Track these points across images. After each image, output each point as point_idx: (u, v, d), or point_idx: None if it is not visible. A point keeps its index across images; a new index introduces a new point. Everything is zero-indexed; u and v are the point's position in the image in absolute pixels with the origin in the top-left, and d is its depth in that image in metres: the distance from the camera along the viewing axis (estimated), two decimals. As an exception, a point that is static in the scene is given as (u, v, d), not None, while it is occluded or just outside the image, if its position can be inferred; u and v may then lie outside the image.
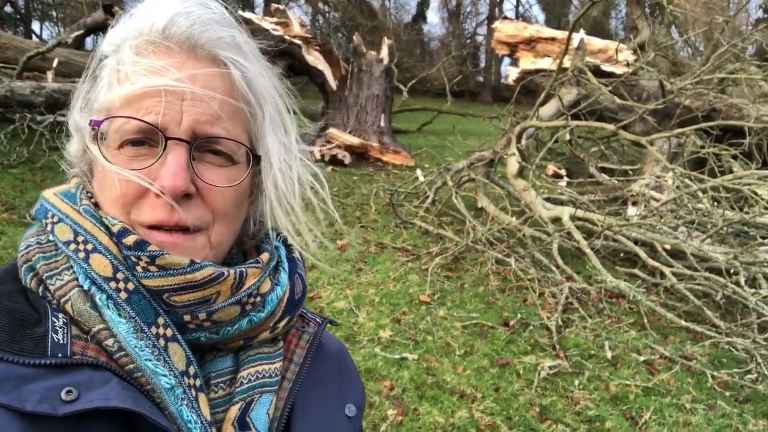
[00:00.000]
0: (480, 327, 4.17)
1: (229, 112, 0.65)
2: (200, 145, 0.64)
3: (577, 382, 3.51)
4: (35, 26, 25.82)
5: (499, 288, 4.80)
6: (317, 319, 0.81)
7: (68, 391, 0.53)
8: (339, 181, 8.14)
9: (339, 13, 27.43)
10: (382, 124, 10.15)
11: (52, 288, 0.60)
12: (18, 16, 23.28)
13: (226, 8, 0.69)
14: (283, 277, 0.71)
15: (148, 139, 0.63)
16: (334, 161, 8.99)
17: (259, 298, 0.66)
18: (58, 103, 7.30)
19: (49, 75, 8.72)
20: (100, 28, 12.26)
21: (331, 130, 9.53)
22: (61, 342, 0.57)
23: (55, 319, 0.58)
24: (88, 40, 13.57)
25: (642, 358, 3.79)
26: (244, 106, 0.68)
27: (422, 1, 30.57)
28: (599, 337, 4.04)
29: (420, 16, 30.66)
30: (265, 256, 0.71)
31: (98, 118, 0.65)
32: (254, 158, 0.69)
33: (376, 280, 4.88)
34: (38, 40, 19.44)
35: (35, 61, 8.91)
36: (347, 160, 9.09)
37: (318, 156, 8.49)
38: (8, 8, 20.69)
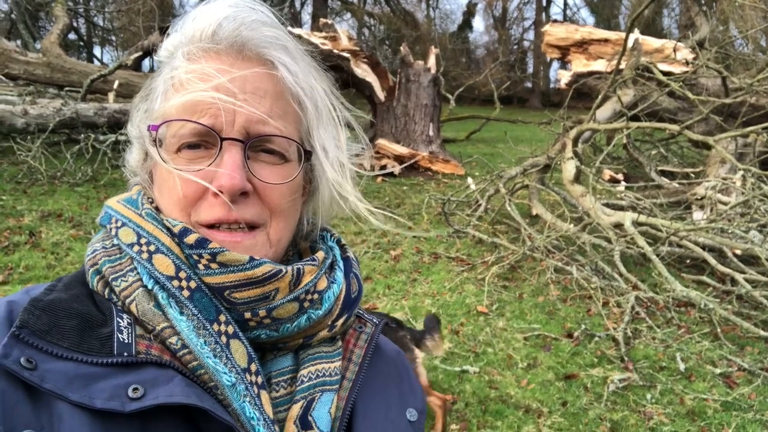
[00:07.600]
0: (542, 338, 4.04)
1: (279, 111, 0.67)
2: (254, 144, 0.66)
3: (649, 396, 3.34)
4: (96, 51, 27.22)
5: (559, 298, 4.65)
6: (374, 320, 0.81)
7: (135, 389, 0.55)
8: (389, 191, 8.13)
9: (384, 26, 27.64)
10: (431, 133, 10.10)
11: (117, 289, 0.62)
12: (81, 42, 24.55)
13: (272, 11, 0.71)
14: (339, 275, 0.72)
15: (204, 141, 0.65)
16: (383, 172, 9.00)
17: (316, 295, 0.67)
18: (120, 123, 7.59)
19: (111, 96, 9.11)
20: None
21: (380, 141, 9.55)
22: (126, 341, 0.59)
23: (119, 320, 0.60)
24: (146, 62, 14.11)
25: (718, 371, 3.58)
26: (293, 104, 0.69)
27: (467, 9, 30.50)
28: (670, 348, 3.84)
29: (465, 24, 30.61)
30: (320, 255, 0.72)
31: (155, 124, 0.67)
32: (305, 154, 0.70)
33: (431, 291, 4.82)
34: (99, 64, 20.44)
35: (97, 84, 9.35)
36: (397, 170, 9.07)
37: (368, 167, 8.57)
38: (72, 35, 21.79)
